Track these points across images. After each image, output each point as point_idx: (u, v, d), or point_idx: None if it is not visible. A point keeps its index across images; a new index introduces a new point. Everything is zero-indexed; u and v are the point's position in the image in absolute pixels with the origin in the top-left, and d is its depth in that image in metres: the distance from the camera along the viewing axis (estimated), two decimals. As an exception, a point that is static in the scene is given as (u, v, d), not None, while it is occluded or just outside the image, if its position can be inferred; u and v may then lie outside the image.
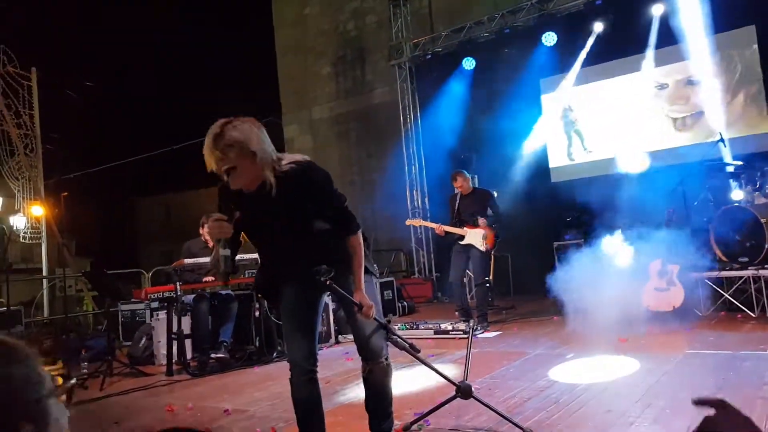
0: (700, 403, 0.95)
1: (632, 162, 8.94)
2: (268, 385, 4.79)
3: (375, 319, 2.57)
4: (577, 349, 5.02)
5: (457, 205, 6.85)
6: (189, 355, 5.79)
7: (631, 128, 9.54)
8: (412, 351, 2.64)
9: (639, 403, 3.33)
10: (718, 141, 7.19)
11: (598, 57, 9.76)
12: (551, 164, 10.53)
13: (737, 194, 6.65)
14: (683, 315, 5.71)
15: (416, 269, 11.87)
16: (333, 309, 6.74)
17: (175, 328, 5.65)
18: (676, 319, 5.66)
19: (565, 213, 9.74)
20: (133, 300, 7.49)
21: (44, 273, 10.73)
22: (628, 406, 3.28)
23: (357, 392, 3.97)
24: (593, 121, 10.15)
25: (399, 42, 12.11)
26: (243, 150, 2.34)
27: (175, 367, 5.60)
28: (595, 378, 4.03)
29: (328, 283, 2.43)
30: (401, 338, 2.61)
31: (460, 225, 6.71)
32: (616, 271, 5.94)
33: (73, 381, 0.94)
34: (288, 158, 2.50)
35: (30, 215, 10.32)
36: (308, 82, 14.47)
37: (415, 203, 11.92)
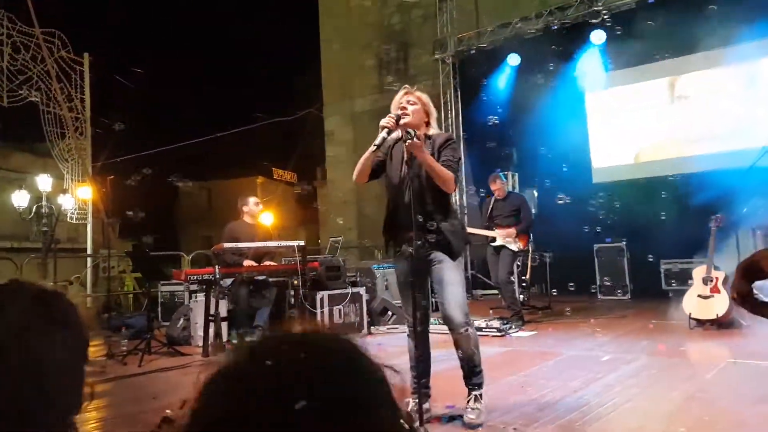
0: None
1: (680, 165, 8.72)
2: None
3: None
4: (612, 351, 4.94)
5: (491, 208, 6.87)
6: (225, 338, 5.90)
7: (680, 130, 9.31)
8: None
9: (675, 409, 3.26)
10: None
11: (647, 56, 9.51)
12: (594, 165, 10.34)
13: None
14: (727, 324, 5.56)
15: (451, 266, 11.77)
16: (366, 300, 6.77)
17: (212, 311, 5.76)
18: (719, 327, 5.52)
19: (607, 215, 9.56)
20: (172, 281, 7.65)
21: (89, 252, 11.03)
22: (664, 412, 3.21)
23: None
24: (641, 122, 9.92)
25: (444, 36, 12.05)
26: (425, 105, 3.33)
27: (211, 348, 5.72)
28: (629, 382, 3.95)
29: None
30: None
31: (492, 228, 6.74)
32: (659, 276, 5.82)
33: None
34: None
35: (77, 197, 10.60)
36: (351, 74, 14.48)
37: (453, 200, 11.84)
